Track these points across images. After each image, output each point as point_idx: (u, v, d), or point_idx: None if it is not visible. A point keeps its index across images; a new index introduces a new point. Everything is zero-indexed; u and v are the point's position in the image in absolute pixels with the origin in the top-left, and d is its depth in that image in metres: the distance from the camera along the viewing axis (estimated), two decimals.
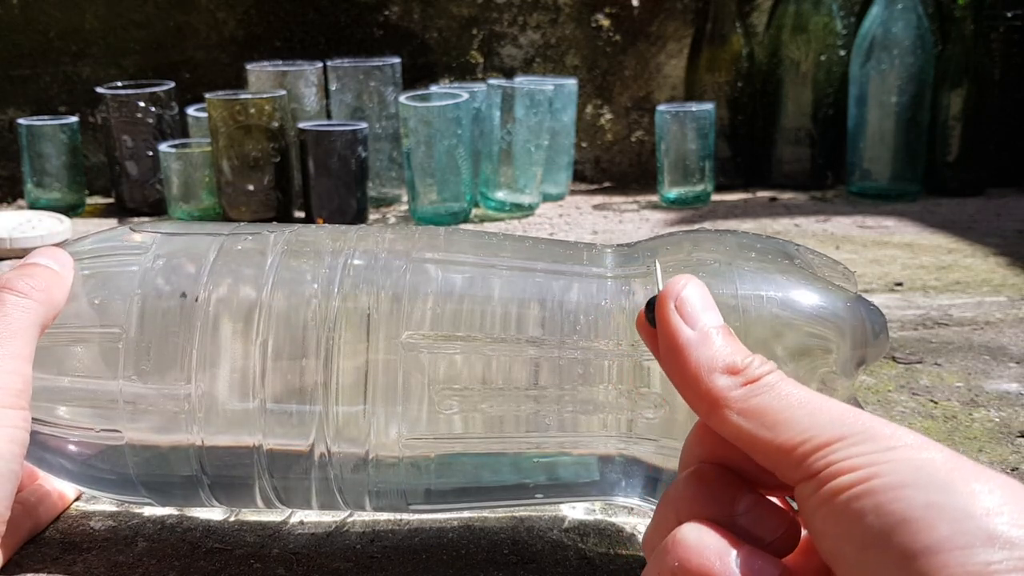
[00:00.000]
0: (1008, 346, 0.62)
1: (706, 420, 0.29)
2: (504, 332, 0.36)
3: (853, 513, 0.24)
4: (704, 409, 0.29)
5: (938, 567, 0.22)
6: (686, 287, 0.30)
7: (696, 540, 0.27)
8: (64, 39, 1.11)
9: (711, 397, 0.28)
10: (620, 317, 0.36)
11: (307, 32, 1.12)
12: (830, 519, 0.25)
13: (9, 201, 1.12)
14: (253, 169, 0.95)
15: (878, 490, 0.24)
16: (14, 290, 0.35)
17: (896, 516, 0.23)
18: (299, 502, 0.38)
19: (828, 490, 0.25)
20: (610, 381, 0.35)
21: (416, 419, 0.36)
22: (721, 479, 0.29)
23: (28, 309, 0.35)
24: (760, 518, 0.28)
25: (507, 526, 0.41)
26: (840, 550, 0.25)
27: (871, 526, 0.24)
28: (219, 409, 0.36)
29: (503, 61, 1.16)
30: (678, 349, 0.29)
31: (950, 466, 0.24)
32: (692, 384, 0.29)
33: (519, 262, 0.38)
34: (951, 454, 0.25)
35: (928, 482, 0.24)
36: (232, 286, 0.37)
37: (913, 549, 0.23)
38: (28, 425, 0.34)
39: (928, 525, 0.23)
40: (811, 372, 0.35)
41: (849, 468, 0.25)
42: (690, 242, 0.38)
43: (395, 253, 0.38)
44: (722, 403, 0.28)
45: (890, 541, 0.23)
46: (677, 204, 1.05)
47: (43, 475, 0.41)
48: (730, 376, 0.28)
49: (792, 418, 0.27)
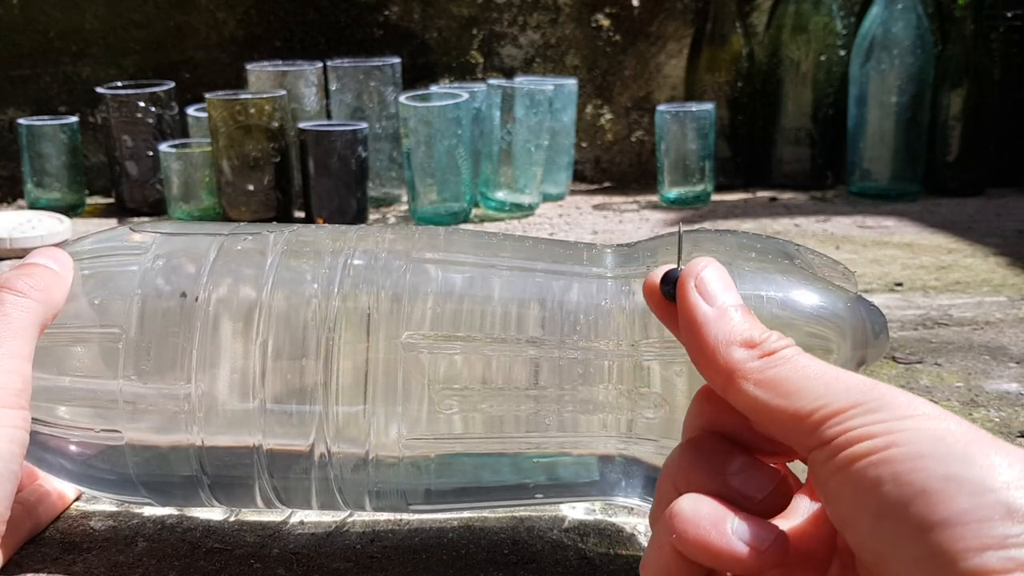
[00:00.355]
0: (1008, 346, 0.62)
1: (723, 393, 0.29)
2: (504, 332, 0.36)
3: (869, 481, 0.24)
4: (721, 381, 0.29)
5: (955, 539, 0.22)
6: (706, 268, 0.31)
7: (692, 511, 0.27)
8: (64, 39, 1.11)
9: (728, 369, 0.29)
10: (620, 317, 0.36)
11: (307, 32, 1.13)
12: (845, 487, 0.25)
13: (9, 201, 1.12)
14: (253, 169, 0.95)
15: (896, 459, 0.24)
16: (13, 289, 0.35)
17: (915, 487, 0.23)
18: (299, 502, 0.38)
19: (843, 457, 0.25)
20: (610, 381, 0.35)
21: (416, 419, 0.36)
22: (715, 445, 0.29)
23: (27, 308, 0.35)
24: (750, 477, 0.28)
25: (507, 526, 0.41)
26: (854, 518, 0.25)
27: (888, 495, 0.24)
28: (219, 409, 0.36)
29: (503, 61, 1.16)
30: (697, 324, 0.30)
31: (968, 438, 0.24)
32: (710, 357, 0.29)
33: (519, 262, 0.38)
34: (968, 426, 0.25)
35: (947, 453, 0.24)
36: (232, 286, 0.37)
37: (931, 521, 0.23)
38: (28, 425, 0.34)
39: (947, 497, 0.23)
40: None
41: (865, 436, 0.25)
42: (690, 242, 0.38)
43: (395, 253, 0.38)
44: (739, 375, 0.28)
45: (907, 512, 0.23)
46: (677, 204, 1.05)
47: (43, 475, 0.41)
48: (747, 349, 0.29)
49: (807, 387, 0.27)
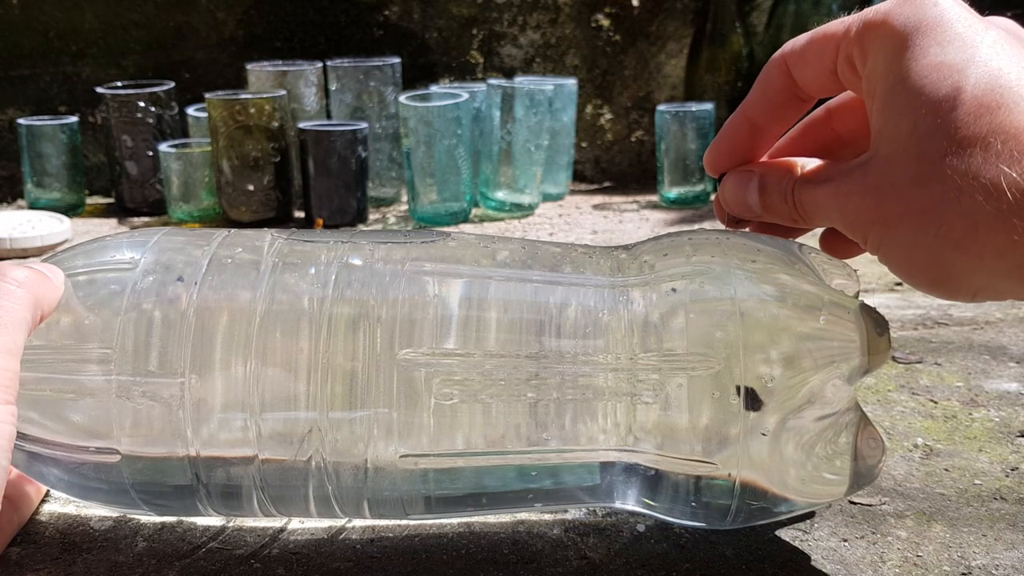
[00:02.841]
0: (1008, 346, 0.62)
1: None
2: (502, 348, 0.35)
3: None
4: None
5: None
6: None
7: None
8: (64, 39, 1.11)
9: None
10: (619, 328, 0.36)
11: (307, 32, 1.13)
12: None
13: (9, 201, 1.12)
14: (253, 169, 0.95)
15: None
16: (3, 283, 0.35)
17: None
18: (296, 511, 0.38)
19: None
20: (609, 393, 0.35)
21: (414, 433, 0.35)
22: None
23: (17, 303, 0.34)
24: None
25: (507, 526, 0.41)
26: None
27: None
28: (214, 422, 0.36)
29: (503, 61, 1.16)
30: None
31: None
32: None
33: (516, 272, 0.37)
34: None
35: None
36: (224, 298, 0.36)
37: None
38: (15, 420, 0.33)
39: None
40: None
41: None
42: (690, 245, 0.38)
43: (391, 263, 0.37)
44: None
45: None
46: (677, 204, 1.05)
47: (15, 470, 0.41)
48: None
49: None
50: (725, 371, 0.34)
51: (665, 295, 0.36)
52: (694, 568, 0.38)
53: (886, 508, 0.43)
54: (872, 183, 0.32)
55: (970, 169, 0.29)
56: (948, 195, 0.29)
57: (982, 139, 0.29)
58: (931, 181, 0.30)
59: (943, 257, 0.30)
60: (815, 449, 0.35)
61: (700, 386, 0.34)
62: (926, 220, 0.30)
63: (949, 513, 0.42)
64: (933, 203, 0.30)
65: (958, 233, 0.29)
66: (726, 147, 0.39)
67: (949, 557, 0.39)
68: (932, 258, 0.31)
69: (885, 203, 0.31)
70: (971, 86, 0.29)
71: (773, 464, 0.35)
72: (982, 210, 0.29)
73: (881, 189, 0.31)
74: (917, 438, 0.49)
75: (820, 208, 0.35)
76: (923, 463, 0.47)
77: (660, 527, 0.41)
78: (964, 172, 0.29)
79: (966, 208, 0.29)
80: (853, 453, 0.36)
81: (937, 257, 0.30)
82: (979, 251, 0.29)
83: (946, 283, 0.31)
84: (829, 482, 0.36)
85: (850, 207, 0.33)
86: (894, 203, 0.31)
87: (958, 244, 0.30)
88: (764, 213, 0.38)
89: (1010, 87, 0.29)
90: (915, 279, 0.32)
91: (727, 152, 0.39)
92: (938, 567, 0.38)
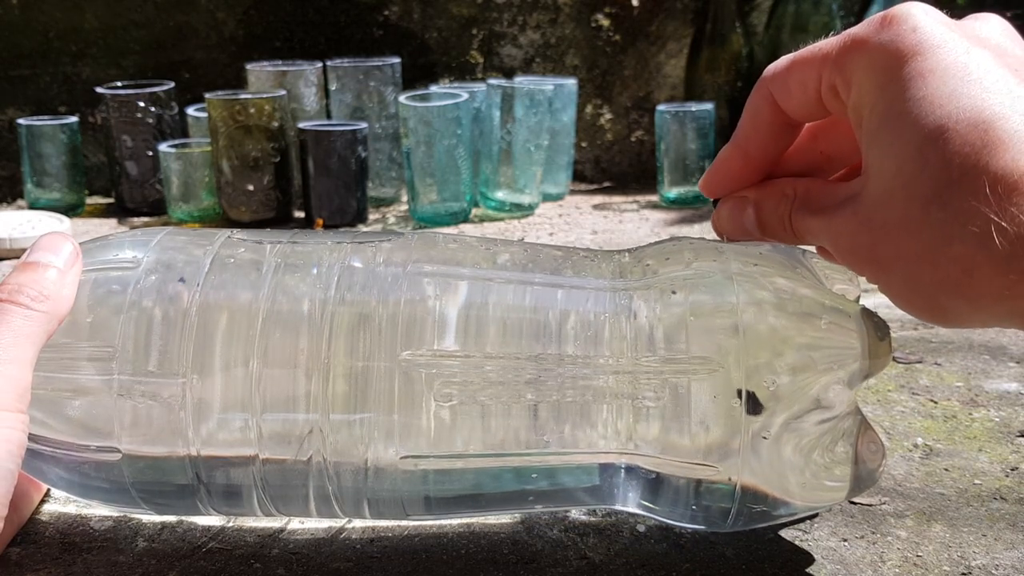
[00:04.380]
0: (1008, 346, 0.62)
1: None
2: (503, 350, 0.35)
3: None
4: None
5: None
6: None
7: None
8: (64, 39, 1.11)
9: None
10: (620, 332, 0.36)
11: (307, 32, 1.13)
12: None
13: (9, 201, 1.12)
14: (253, 169, 0.95)
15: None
16: (17, 303, 0.35)
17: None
18: (297, 511, 0.38)
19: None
20: (610, 396, 0.35)
21: (414, 434, 0.35)
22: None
23: (32, 319, 0.35)
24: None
25: (507, 526, 0.41)
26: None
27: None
28: (215, 422, 0.36)
29: (503, 61, 1.16)
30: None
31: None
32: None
33: (518, 274, 0.37)
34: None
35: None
36: (226, 299, 0.36)
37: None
38: (26, 428, 0.34)
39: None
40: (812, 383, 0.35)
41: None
42: (692, 250, 0.38)
43: (392, 265, 0.37)
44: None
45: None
46: (677, 204, 1.05)
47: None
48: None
49: None
50: (726, 375, 0.34)
51: (667, 299, 0.36)
52: (694, 568, 0.38)
53: (886, 508, 0.43)
54: (863, 220, 0.31)
55: (958, 216, 0.28)
56: (938, 242, 0.28)
57: (969, 182, 0.27)
58: (921, 227, 0.29)
59: (940, 301, 0.29)
60: (814, 454, 0.35)
61: (701, 390, 0.34)
62: (920, 265, 0.29)
63: (949, 513, 0.42)
64: (925, 248, 0.29)
65: (954, 279, 0.28)
66: (720, 178, 0.38)
67: (949, 557, 0.39)
68: (930, 300, 0.30)
69: (878, 244, 0.30)
70: (954, 122, 0.28)
71: (773, 468, 0.35)
72: (975, 257, 0.28)
73: (872, 230, 0.31)
74: (917, 438, 0.49)
75: (816, 238, 0.34)
76: (923, 463, 0.47)
77: (660, 527, 0.41)
78: (952, 220, 0.28)
79: (958, 254, 0.28)
80: (853, 457, 0.36)
81: (935, 300, 0.30)
82: (976, 296, 0.29)
83: (947, 321, 0.31)
84: (830, 488, 0.36)
85: (843, 243, 0.32)
86: (887, 245, 0.30)
87: (955, 289, 0.29)
88: (763, 237, 0.37)
89: (994, 121, 0.28)
90: (915, 315, 0.31)
91: (721, 183, 0.38)
92: (938, 567, 0.38)
